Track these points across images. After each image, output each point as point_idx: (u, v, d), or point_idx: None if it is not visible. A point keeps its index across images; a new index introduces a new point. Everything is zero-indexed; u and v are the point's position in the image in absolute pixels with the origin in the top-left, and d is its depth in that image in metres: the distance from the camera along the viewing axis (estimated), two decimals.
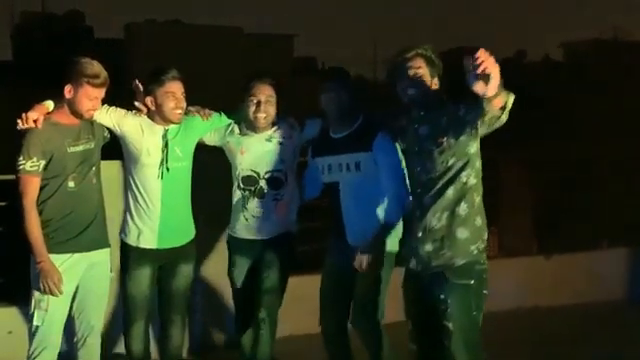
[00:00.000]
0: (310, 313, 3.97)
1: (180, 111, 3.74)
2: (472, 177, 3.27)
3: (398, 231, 3.72)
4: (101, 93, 3.59)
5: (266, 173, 3.85)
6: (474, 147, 3.25)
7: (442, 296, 3.26)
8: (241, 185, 3.88)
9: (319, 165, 3.83)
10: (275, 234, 3.90)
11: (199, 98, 3.89)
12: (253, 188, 3.86)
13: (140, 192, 3.78)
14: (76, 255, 3.62)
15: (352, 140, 3.70)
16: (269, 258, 3.88)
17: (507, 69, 2.99)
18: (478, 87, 2.90)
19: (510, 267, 5.76)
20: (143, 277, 3.84)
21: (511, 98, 2.97)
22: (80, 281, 3.67)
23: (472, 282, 3.27)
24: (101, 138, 3.77)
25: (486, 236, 3.31)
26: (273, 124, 3.85)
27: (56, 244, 3.57)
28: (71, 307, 3.68)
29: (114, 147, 3.86)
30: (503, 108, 2.98)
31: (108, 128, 3.76)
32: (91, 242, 3.67)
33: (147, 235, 3.81)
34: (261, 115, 3.77)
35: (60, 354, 3.68)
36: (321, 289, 3.88)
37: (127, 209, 3.84)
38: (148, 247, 3.82)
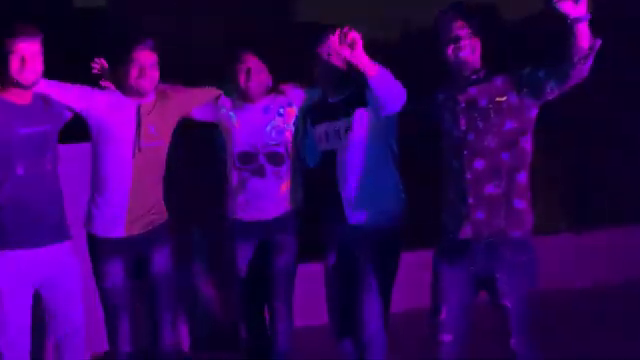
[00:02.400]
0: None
1: (147, 82, 3.56)
2: (529, 143, 3.15)
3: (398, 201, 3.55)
4: (26, 47, 3.29)
5: (265, 147, 3.65)
6: (534, 112, 3.13)
7: (498, 275, 3.15)
8: (237, 164, 3.68)
9: (316, 133, 3.62)
10: (280, 213, 3.71)
11: (190, 64, 3.79)
12: (252, 166, 3.67)
13: (107, 175, 3.61)
14: (31, 250, 3.38)
15: (349, 102, 3.49)
16: (277, 241, 3.72)
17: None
18: (565, 5, 2.82)
19: (537, 246, 5.47)
20: (115, 269, 3.65)
21: (598, 41, 2.89)
22: (42, 280, 3.43)
23: (528, 258, 3.18)
24: (59, 119, 3.53)
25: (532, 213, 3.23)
26: (269, 92, 3.69)
27: (6, 240, 3.33)
28: (44, 311, 3.48)
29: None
30: (591, 49, 2.89)
31: (72, 108, 3.57)
32: (48, 234, 3.42)
33: (114, 223, 3.63)
34: (253, 84, 3.61)
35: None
36: (326, 292, 3.68)
37: (91, 196, 3.67)
38: (116, 236, 3.64)
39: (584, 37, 2.87)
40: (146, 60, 3.55)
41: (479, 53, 3.18)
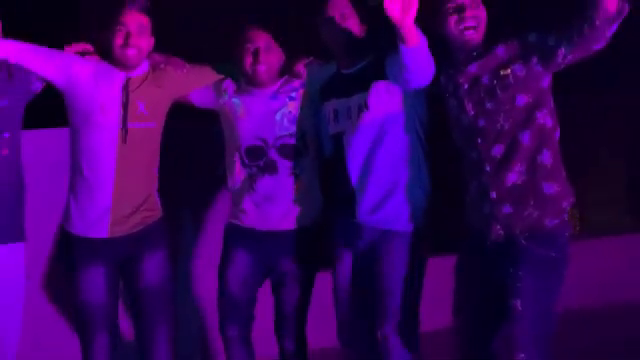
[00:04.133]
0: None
1: (133, 51, 3.24)
2: (549, 117, 2.99)
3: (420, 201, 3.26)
4: None
5: (276, 139, 3.33)
6: (547, 81, 2.99)
7: (512, 269, 2.95)
8: (245, 160, 3.35)
9: (328, 111, 3.31)
10: (295, 226, 3.40)
11: (188, 43, 3.69)
12: (262, 163, 3.34)
13: (88, 164, 3.30)
14: None
15: (365, 74, 3.15)
16: (291, 266, 3.41)
17: None
18: None
19: (596, 249, 5.19)
20: (95, 277, 3.34)
21: (626, 6, 2.80)
22: None
23: (554, 254, 2.98)
24: (24, 92, 3.25)
25: (572, 195, 3.12)
26: (279, 76, 3.37)
27: None
28: None
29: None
30: (619, 13, 2.80)
31: (45, 78, 3.29)
32: None
33: (96, 221, 3.31)
34: (261, 67, 3.28)
35: None
36: (335, 298, 3.44)
37: (70, 188, 3.37)
38: (98, 237, 3.31)
39: (610, 2, 2.73)
40: (134, 24, 3.23)
41: (484, 25, 2.99)
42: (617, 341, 4.56)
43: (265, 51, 3.27)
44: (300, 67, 3.40)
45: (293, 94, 3.36)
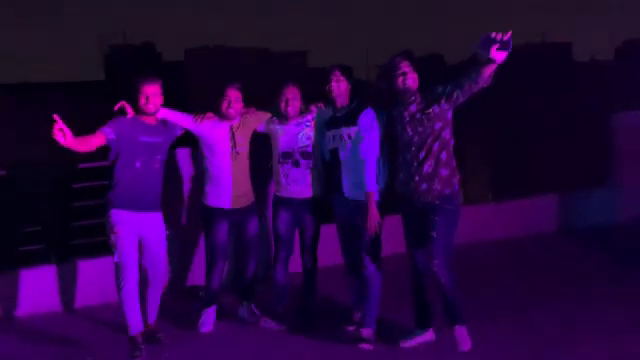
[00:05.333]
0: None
1: (232, 110, 4.45)
2: (449, 134, 4.03)
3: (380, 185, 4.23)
4: (149, 88, 4.07)
5: (299, 148, 4.49)
6: (450, 114, 4.02)
7: (431, 216, 3.94)
8: (281, 160, 4.56)
9: (328, 136, 4.42)
10: (308, 195, 4.53)
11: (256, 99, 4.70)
12: (291, 161, 4.49)
13: (216, 170, 4.53)
14: (138, 213, 4.24)
15: (348, 116, 4.29)
16: (307, 218, 4.54)
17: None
18: (496, 55, 3.57)
19: (469, 212, 6.12)
20: (221, 229, 4.55)
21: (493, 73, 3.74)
22: (143, 232, 4.25)
23: (452, 208, 3.97)
24: (171, 136, 4.38)
25: (458, 175, 3.98)
26: (300, 113, 4.55)
27: (122, 204, 4.21)
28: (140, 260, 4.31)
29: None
30: (490, 76, 3.71)
31: (186, 129, 4.51)
32: (149, 205, 4.28)
33: (223, 199, 4.54)
34: (290, 109, 4.53)
35: None
36: (338, 234, 4.57)
37: (207, 182, 4.58)
38: (224, 207, 4.55)
39: (491, 70, 3.62)
40: (232, 96, 4.41)
41: (417, 83, 3.99)
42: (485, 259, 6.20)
43: (292, 100, 4.45)
44: (313, 107, 4.50)
45: (308, 124, 4.47)
